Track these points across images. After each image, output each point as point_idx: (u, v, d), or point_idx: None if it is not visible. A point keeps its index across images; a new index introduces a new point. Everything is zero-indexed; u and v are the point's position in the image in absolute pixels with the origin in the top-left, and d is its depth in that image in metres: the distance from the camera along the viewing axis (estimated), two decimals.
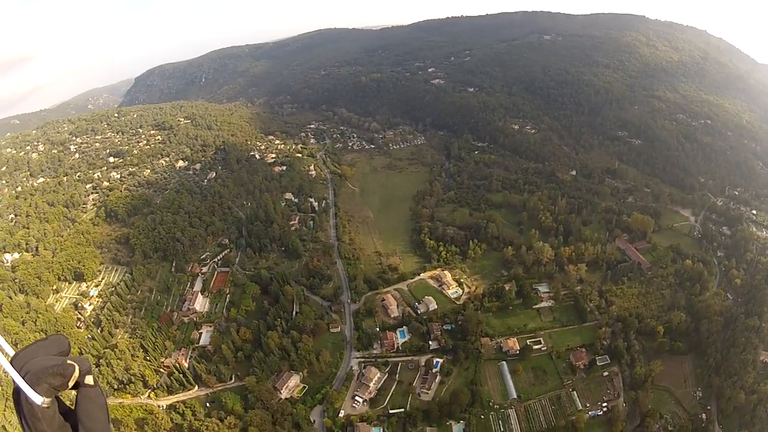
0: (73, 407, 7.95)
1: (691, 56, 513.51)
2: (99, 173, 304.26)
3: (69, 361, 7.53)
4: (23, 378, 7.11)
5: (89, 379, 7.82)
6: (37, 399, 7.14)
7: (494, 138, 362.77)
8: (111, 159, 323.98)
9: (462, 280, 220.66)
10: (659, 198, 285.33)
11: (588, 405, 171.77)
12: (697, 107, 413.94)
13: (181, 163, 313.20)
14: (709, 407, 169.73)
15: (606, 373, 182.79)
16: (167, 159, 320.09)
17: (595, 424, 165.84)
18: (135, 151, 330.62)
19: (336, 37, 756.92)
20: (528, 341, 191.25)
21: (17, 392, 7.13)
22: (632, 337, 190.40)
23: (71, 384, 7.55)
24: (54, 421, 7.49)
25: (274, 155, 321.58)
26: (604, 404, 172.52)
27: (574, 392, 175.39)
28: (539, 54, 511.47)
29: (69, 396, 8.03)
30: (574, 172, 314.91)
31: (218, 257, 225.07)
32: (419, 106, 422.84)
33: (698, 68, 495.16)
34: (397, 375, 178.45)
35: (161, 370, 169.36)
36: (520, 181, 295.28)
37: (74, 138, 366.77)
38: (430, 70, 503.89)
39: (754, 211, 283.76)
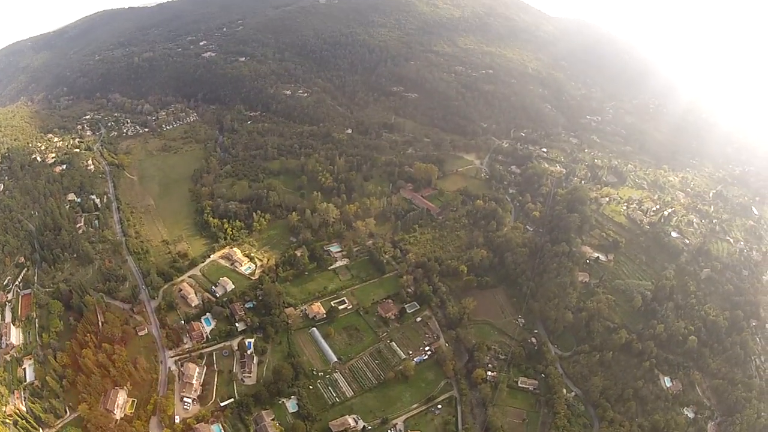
0: None
1: (474, 12, 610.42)
2: None
3: None
4: None
5: None
6: None
7: (267, 106, 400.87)
8: None
9: (253, 254, 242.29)
10: (440, 146, 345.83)
11: (411, 352, 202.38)
12: (478, 59, 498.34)
13: None
14: (536, 331, 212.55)
15: (419, 319, 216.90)
16: None
17: (424, 368, 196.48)
18: None
19: (113, 18, 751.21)
20: (332, 303, 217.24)
21: None
22: (436, 280, 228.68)
23: None
24: None
25: (54, 155, 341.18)
26: (427, 348, 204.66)
27: (393, 343, 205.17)
28: (313, 18, 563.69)
29: None
30: (350, 131, 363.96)
31: (18, 279, 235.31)
32: (190, 81, 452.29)
33: (481, 23, 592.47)
34: (215, 365, 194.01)
35: (7, 420, 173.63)
36: (296, 145, 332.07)
37: None
38: (201, 43, 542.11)
39: (545, 149, 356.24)
